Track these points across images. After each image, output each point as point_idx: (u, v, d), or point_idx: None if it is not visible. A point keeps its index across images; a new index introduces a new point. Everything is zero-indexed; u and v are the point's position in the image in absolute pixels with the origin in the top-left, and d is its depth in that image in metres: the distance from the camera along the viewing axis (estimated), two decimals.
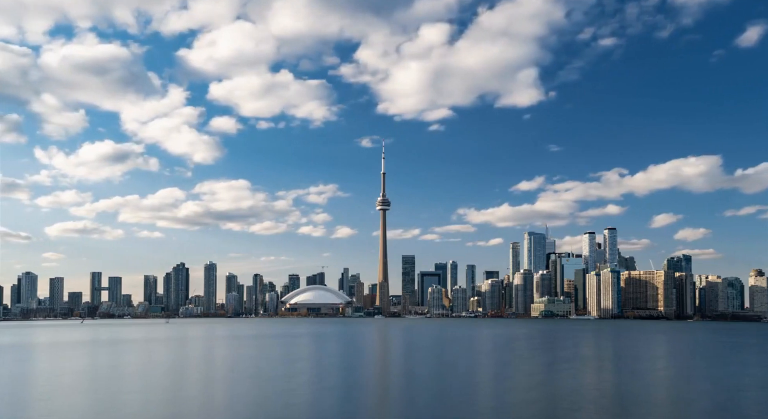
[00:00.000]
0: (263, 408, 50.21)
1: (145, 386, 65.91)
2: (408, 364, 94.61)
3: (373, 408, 52.22)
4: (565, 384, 65.72)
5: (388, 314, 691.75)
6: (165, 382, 70.36)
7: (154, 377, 75.54)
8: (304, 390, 61.47)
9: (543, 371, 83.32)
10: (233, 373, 79.40)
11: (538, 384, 66.26)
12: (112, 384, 67.46)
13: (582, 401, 53.88)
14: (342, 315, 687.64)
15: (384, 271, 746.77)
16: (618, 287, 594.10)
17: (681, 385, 68.28)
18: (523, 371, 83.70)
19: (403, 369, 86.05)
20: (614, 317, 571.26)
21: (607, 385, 66.78)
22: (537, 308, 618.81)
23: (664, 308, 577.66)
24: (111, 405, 52.41)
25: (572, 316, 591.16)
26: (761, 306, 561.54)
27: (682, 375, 78.68)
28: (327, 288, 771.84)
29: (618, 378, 74.31)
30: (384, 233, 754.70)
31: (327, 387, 64.12)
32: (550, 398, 55.93)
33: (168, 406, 51.82)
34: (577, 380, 70.88)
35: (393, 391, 62.07)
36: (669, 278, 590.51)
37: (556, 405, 51.67)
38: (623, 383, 67.91)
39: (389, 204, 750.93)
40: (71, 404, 53.19)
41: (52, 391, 61.89)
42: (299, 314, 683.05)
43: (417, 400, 54.81)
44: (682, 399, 56.99)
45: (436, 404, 52.72)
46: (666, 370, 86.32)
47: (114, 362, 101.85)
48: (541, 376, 75.35)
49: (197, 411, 50.30)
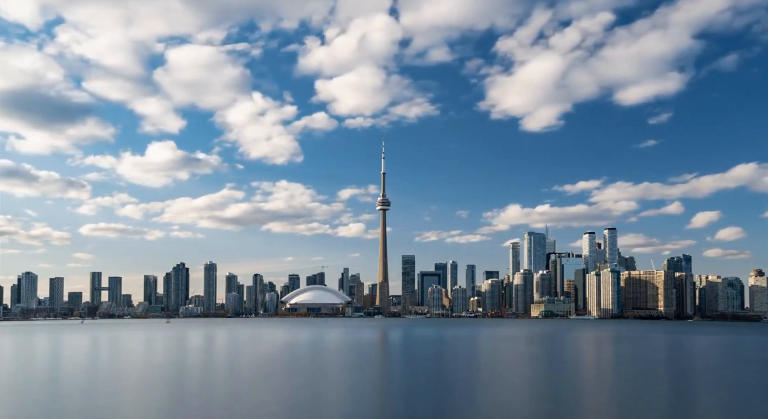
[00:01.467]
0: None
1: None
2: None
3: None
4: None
5: (388, 314, 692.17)
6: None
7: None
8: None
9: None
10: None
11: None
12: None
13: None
14: (342, 315, 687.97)
15: (384, 271, 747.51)
16: (618, 287, 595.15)
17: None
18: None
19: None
20: (614, 317, 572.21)
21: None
22: (537, 308, 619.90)
23: (664, 309, 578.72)
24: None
25: (572, 316, 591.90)
26: (761, 306, 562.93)
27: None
28: (327, 288, 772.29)
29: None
30: (384, 233, 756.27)
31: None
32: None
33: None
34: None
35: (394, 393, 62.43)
36: (669, 278, 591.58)
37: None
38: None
39: (389, 204, 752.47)
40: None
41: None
42: (299, 314, 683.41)
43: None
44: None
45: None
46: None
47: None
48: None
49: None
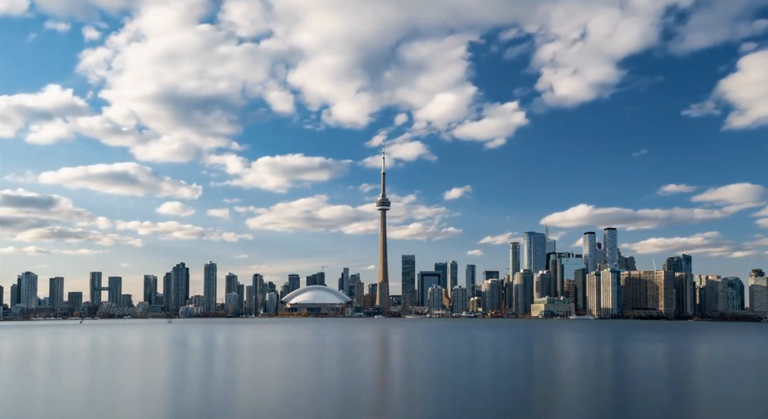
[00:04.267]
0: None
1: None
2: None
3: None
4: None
5: (388, 314, 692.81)
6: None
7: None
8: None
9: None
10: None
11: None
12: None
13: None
14: (342, 315, 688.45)
15: (384, 271, 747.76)
16: (618, 287, 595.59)
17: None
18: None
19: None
20: (614, 317, 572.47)
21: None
22: (537, 308, 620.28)
23: (664, 309, 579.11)
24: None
25: (572, 316, 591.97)
26: (761, 306, 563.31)
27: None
28: (327, 288, 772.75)
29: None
30: (384, 233, 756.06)
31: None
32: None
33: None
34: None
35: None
36: (669, 278, 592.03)
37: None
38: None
39: (389, 204, 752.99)
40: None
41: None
42: (299, 314, 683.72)
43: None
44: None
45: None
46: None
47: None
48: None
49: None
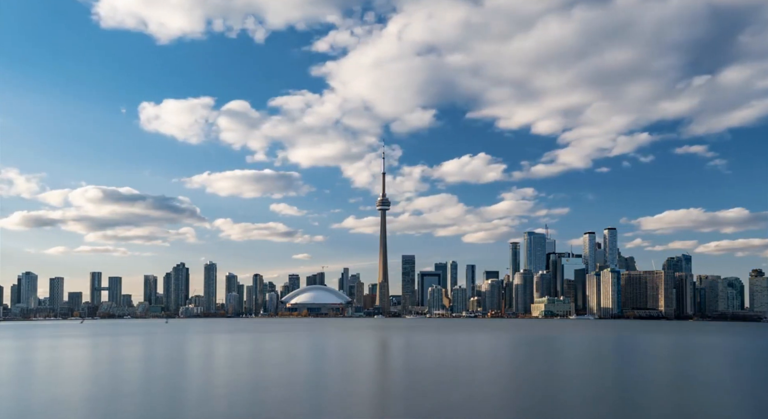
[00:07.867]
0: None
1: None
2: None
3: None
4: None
5: (388, 314, 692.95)
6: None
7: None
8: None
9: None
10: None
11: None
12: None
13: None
14: (342, 315, 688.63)
15: (384, 271, 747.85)
16: (618, 287, 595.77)
17: None
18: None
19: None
20: (614, 317, 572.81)
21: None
22: (537, 308, 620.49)
23: (664, 309, 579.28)
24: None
25: (572, 316, 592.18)
26: (761, 306, 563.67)
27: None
28: (327, 288, 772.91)
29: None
30: (384, 233, 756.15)
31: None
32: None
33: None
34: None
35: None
36: (669, 278, 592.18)
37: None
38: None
39: (389, 204, 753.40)
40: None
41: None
42: (299, 314, 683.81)
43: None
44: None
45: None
46: None
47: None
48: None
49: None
